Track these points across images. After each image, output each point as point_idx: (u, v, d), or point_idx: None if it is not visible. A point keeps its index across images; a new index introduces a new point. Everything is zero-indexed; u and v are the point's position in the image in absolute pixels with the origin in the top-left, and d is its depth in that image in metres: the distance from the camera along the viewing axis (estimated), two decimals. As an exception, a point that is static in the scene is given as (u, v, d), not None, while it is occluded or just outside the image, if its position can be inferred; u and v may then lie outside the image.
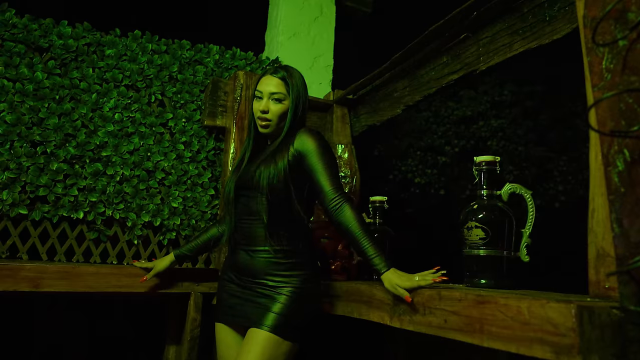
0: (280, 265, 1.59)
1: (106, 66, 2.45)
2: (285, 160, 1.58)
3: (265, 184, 1.56)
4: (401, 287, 1.37)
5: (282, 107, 1.65)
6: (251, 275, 1.63)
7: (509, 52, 1.73)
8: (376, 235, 2.06)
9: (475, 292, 1.19)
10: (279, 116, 1.65)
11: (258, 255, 1.61)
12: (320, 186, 1.55)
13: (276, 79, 1.66)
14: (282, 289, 1.56)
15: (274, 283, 1.58)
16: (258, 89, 1.67)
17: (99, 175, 2.32)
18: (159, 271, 1.85)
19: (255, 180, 1.59)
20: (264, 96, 1.65)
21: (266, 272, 1.59)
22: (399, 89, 2.37)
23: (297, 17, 3.11)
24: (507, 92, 5.43)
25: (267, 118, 1.64)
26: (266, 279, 1.59)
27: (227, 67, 2.76)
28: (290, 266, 1.59)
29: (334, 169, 1.59)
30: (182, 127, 2.55)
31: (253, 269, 1.62)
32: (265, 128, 1.67)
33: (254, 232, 1.61)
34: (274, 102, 1.64)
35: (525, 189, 1.52)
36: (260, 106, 1.65)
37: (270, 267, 1.59)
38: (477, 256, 1.49)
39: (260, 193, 1.59)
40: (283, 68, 1.69)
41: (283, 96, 1.65)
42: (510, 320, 1.05)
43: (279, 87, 1.65)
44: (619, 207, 0.85)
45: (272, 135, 1.70)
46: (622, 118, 0.89)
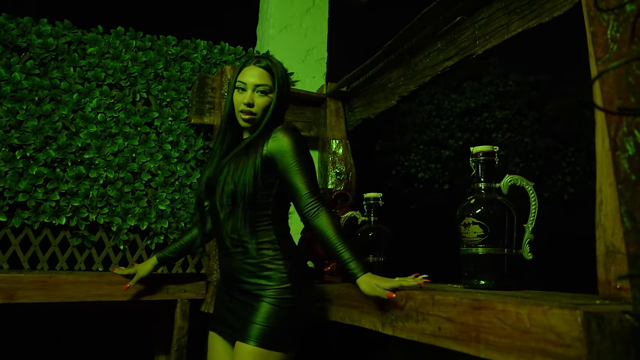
0: (257, 267, 1.47)
1: (88, 65, 2.35)
2: (258, 159, 1.47)
3: (240, 186, 1.45)
4: (380, 286, 1.30)
5: (267, 100, 1.55)
6: (231, 279, 1.53)
7: (506, 34, 1.60)
8: (371, 234, 1.95)
9: (471, 296, 1.07)
10: (263, 109, 1.55)
11: (235, 258, 1.50)
12: (295, 189, 1.45)
13: (260, 69, 1.55)
14: (263, 297, 1.45)
15: (251, 287, 1.47)
16: (240, 79, 1.55)
17: (81, 179, 2.22)
18: (142, 277, 1.75)
19: (226, 181, 1.48)
20: (248, 88, 1.53)
21: (244, 275, 1.49)
22: (393, 79, 2.25)
23: (288, 9, 2.99)
24: (512, 82, 5.27)
25: (251, 112, 1.53)
26: (245, 282, 1.49)
27: (215, 62, 2.66)
28: (268, 268, 1.47)
29: (310, 171, 1.49)
30: (169, 126, 2.45)
31: (232, 271, 1.52)
32: (248, 122, 1.55)
33: (239, 231, 1.49)
34: (260, 94, 1.54)
35: (526, 180, 1.40)
36: (244, 99, 1.53)
37: (246, 269, 1.48)
38: (476, 255, 1.37)
39: (228, 193, 1.48)
40: (265, 57, 1.59)
41: (268, 88, 1.54)
42: (510, 329, 0.93)
43: (264, 78, 1.54)
44: (629, 197, 0.73)
45: (249, 128, 1.59)
46: (631, 94, 0.76)
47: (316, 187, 1.48)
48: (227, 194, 1.47)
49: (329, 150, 2.58)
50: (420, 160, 4.94)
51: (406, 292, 1.27)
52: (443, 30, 1.89)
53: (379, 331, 1.37)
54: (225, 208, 1.49)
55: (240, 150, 1.53)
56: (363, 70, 2.32)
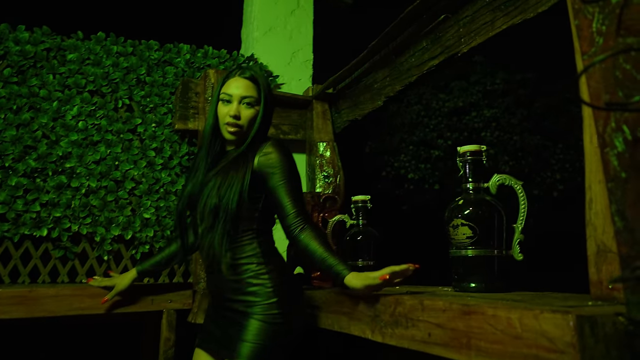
0: (241, 283, 1.44)
1: (68, 72, 2.30)
2: (247, 175, 1.44)
3: (225, 200, 1.41)
4: (371, 276, 1.28)
5: (253, 112, 1.52)
6: (218, 296, 1.50)
7: (491, 31, 1.58)
8: (359, 237, 1.91)
9: (460, 301, 1.04)
10: (249, 121, 1.52)
11: (218, 275, 1.46)
12: (282, 206, 1.43)
13: (245, 80, 1.52)
14: (251, 314, 1.40)
15: (238, 305, 1.43)
16: (225, 91, 1.52)
17: (62, 189, 2.17)
18: (121, 290, 1.70)
19: (210, 194, 1.44)
20: (234, 100, 1.50)
21: (229, 292, 1.45)
22: (379, 80, 2.22)
23: (272, 11, 2.95)
24: (499, 80, 5.27)
25: (238, 124, 1.50)
26: (231, 299, 1.45)
27: (198, 66, 2.61)
28: (253, 284, 1.43)
29: (298, 189, 1.47)
30: (152, 133, 2.40)
31: (218, 289, 1.49)
32: (234, 135, 1.51)
33: (214, 248, 1.45)
34: (246, 106, 1.51)
35: (515, 179, 1.37)
36: (230, 111, 1.49)
37: (231, 286, 1.45)
38: (465, 257, 1.34)
39: (210, 207, 1.43)
40: (249, 68, 1.56)
41: (254, 100, 1.52)
42: (501, 334, 0.90)
43: (250, 90, 1.51)
44: (620, 196, 0.70)
45: (234, 142, 1.55)
46: (619, 88, 0.74)
47: (303, 205, 1.46)
48: (209, 208, 1.43)
49: (316, 153, 2.55)
50: (410, 160, 4.92)
51: (395, 298, 1.23)
52: (428, 28, 1.86)
53: (368, 338, 1.34)
54: (205, 223, 1.45)
55: (227, 164, 1.48)
56: (349, 71, 2.29)
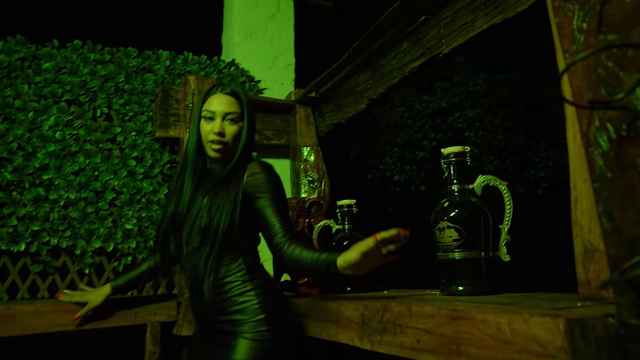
0: (227, 302, 1.40)
1: (44, 81, 2.24)
2: (238, 195, 1.41)
3: (215, 220, 1.38)
4: (363, 242, 1.24)
5: (237, 129, 1.50)
6: (204, 319, 1.46)
7: (472, 31, 1.57)
8: (346, 242, 1.89)
9: (449, 306, 1.02)
10: (234, 138, 1.49)
11: (202, 297, 1.41)
12: (270, 226, 1.41)
13: (227, 96, 1.50)
14: (239, 333, 1.37)
15: (225, 325, 1.40)
16: (207, 108, 1.49)
17: (40, 201, 2.11)
18: (94, 307, 1.66)
19: (199, 215, 1.40)
20: (217, 116, 1.47)
21: (215, 314, 1.42)
22: (362, 82, 2.20)
23: (252, 15, 2.93)
24: (482, 81, 5.31)
25: (223, 141, 1.47)
26: (217, 321, 1.41)
27: (179, 73, 2.57)
28: (239, 302, 1.40)
29: (285, 209, 1.46)
30: (133, 141, 2.35)
31: (203, 311, 1.45)
32: (219, 152, 1.48)
33: (198, 270, 1.41)
34: (230, 123, 1.48)
35: (499, 180, 1.36)
36: (214, 128, 1.46)
37: (216, 307, 1.41)
38: (452, 260, 1.32)
39: (200, 227, 1.40)
40: (229, 84, 1.54)
41: (238, 116, 1.50)
42: (490, 339, 0.88)
43: (233, 106, 1.49)
44: (607, 196, 0.69)
45: (218, 159, 1.51)
46: (601, 86, 0.72)
47: (291, 224, 1.45)
48: (197, 229, 1.39)
49: (300, 158, 2.52)
50: (396, 162, 4.92)
51: (382, 304, 1.21)
52: (408, 30, 1.85)
53: (357, 346, 1.31)
54: (192, 244, 1.42)
55: (215, 183, 1.44)
56: (331, 74, 2.27)
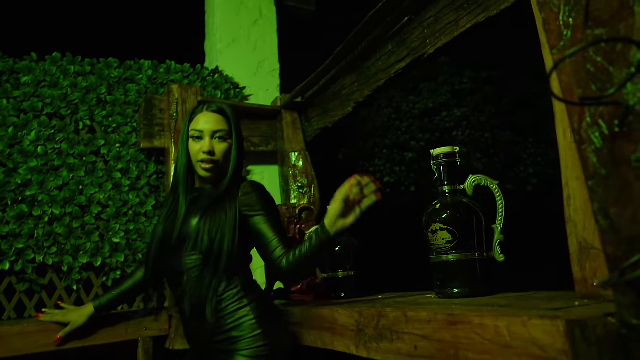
0: (224, 320, 1.37)
1: (23, 95, 2.19)
2: (237, 216, 1.40)
3: (207, 240, 1.35)
4: (340, 191, 1.29)
5: (227, 146, 1.48)
6: (199, 342, 1.42)
7: (456, 30, 1.56)
8: (338, 248, 1.87)
9: (445, 310, 1.00)
10: (224, 156, 1.47)
11: (198, 319, 1.38)
12: (267, 243, 1.38)
13: (214, 114, 1.48)
14: (237, 351, 1.34)
15: (222, 345, 1.36)
16: (195, 128, 1.46)
17: (24, 218, 2.06)
18: (77, 327, 1.62)
19: (199, 237, 1.37)
20: (205, 135, 1.45)
21: (211, 334, 1.38)
22: (347, 86, 2.18)
23: (235, 22, 2.90)
24: (466, 79, 5.33)
25: (213, 160, 1.44)
26: (214, 341, 1.37)
27: (162, 82, 2.53)
28: (236, 318, 1.37)
29: (280, 224, 1.45)
30: (117, 153, 2.31)
31: (199, 334, 1.41)
32: (210, 172, 1.46)
33: (201, 293, 1.38)
34: (219, 141, 1.46)
35: (490, 179, 1.34)
36: (203, 147, 1.44)
37: (212, 328, 1.37)
38: (446, 262, 1.30)
39: (202, 250, 1.37)
40: (215, 102, 1.52)
41: (226, 133, 1.47)
42: (489, 344, 0.86)
43: (220, 123, 1.47)
44: (602, 194, 0.67)
45: (209, 179, 1.48)
46: (591, 82, 0.71)
47: (285, 237, 1.42)
48: (198, 251, 1.36)
49: (288, 163, 2.50)
50: (385, 164, 4.91)
51: (377, 310, 1.19)
52: (392, 31, 1.84)
53: (353, 354, 1.28)
54: (191, 267, 1.38)
55: (210, 204, 1.42)
56: (316, 78, 2.25)
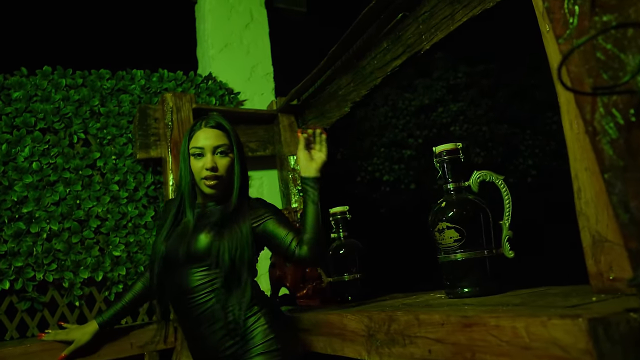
0: (238, 327, 1.35)
1: (15, 111, 2.16)
2: (250, 231, 1.40)
3: (228, 258, 1.34)
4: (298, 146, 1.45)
5: (229, 161, 1.45)
6: (208, 354, 1.38)
7: (452, 25, 1.53)
8: (342, 250, 1.84)
9: (459, 312, 0.97)
10: (227, 171, 1.45)
11: (213, 332, 1.35)
12: (282, 241, 1.40)
13: (213, 130, 1.45)
14: (251, 357, 1.32)
15: (236, 351, 1.34)
16: (195, 145, 1.44)
17: (22, 236, 2.02)
18: (81, 345, 1.58)
19: (220, 255, 1.35)
20: (207, 152, 1.42)
21: (225, 344, 1.34)
22: (343, 86, 2.16)
23: (226, 26, 2.87)
24: (461, 74, 5.31)
25: (217, 176, 1.42)
26: (228, 348, 1.34)
27: (155, 91, 2.50)
28: (249, 325, 1.35)
29: (288, 221, 1.47)
30: (113, 165, 2.28)
31: (212, 348, 1.36)
32: (214, 188, 1.43)
33: (201, 309, 1.35)
34: (220, 156, 1.44)
35: (495, 175, 1.32)
36: (206, 163, 1.41)
37: (226, 339, 1.34)
38: (455, 262, 1.28)
39: (215, 266, 1.35)
40: (212, 117, 1.49)
41: (227, 148, 1.45)
42: (507, 346, 0.84)
43: (220, 138, 1.45)
44: (620, 186, 0.64)
45: (214, 195, 1.46)
46: (602, 71, 0.68)
47: (296, 229, 1.44)
48: (222, 270, 1.34)
49: (287, 167, 2.47)
50: (383, 163, 4.89)
51: (388, 315, 1.16)
52: (387, 29, 1.82)
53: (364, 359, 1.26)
54: (205, 283, 1.36)
55: (222, 220, 1.40)
56: (311, 80, 2.22)
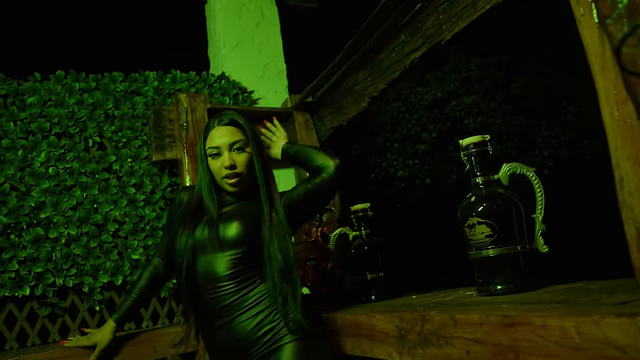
0: (272, 317, 1.33)
1: (30, 116, 2.15)
2: (284, 214, 1.42)
3: (290, 257, 1.37)
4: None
5: (247, 156, 1.43)
6: (234, 356, 1.35)
7: (474, 13, 1.48)
8: (365, 248, 1.80)
9: (499, 312, 0.92)
10: (247, 167, 1.43)
11: (233, 326, 1.33)
12: (304, 188, 1.45)
13: (227, 127, 1.44)
14: (290, 341, 1.31)
15: (269, 341, 1.32)
16: (211, 145, 1.43)
17: (40, 241, 2.01)
18: (105, 346, 1.57)
19: (272, 255, 1.36)
20: (223, 150, 1.41)
21: (252, 340, 1.32)
22: (360, 81, 2.12)
23: (237, 25, 2.84)
24: (474, 66, 5.23)
25: (237, 173, 1.41)
26: (258, 344, 1.32)
27: (169, 92, 2.48)
28: (274, 317, 1.34)
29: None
30: (129, 168, 2.26)
31: (240, 343, 1.33)
32: (236, 186, 1.42)
33: (225, 299, 1.33)
34: (237, 152, 1.42)
35: (526, 167, 1.27)
36: (224, 162, 1.40)
37: (257, 327, 1.32)
38: (487, 258, 1.23)
39: (279, 266, 1.35)
40: (225, 114, 1.47)
41: (244, 143, 1.43)
42: (555, 346, 0.79)
43: (235, 134, 1.43)
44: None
45: (237, 193, 1.45)
46: (659, 51, 0.63)
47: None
48: (277, 267, 1.35)
49: (304, 165, 2.43)
50: (397, 158, 4.84)
51: (420, 315, 1.12)
52: (405, 20, 1.77)
53: (396, 361, 1.22)
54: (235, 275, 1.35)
55: (261, 217, 1.41)
56: (327, 76, 2.18)
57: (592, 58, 0.97)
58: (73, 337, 1.62)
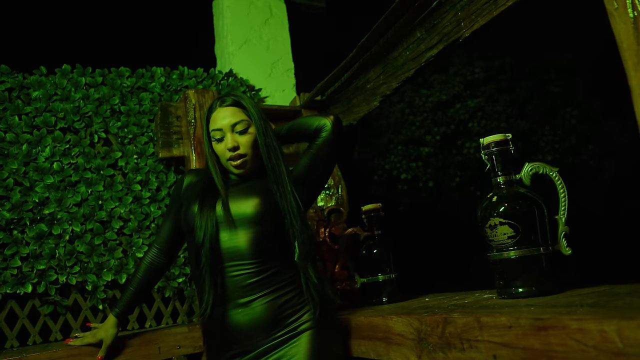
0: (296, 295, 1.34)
1: (34, 111, 2.11)
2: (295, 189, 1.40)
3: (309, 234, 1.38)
4: None
5: (251, 137, 1.40)
6: (252, 336, 1.31)
7: (494, 10, 1.45)
8: (377, 249, 1.76)
9: (529, 315, 0.89)
10: (252, 147, 1.40)
11: (255, 306, 1.30)
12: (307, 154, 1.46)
13: (229, 108, 1.41)
14: (305, 329, 1.31)
15: (293, 325, 1.31)
16: (213, 128, 1.40)
17: (44, 238, 1.97)
18: (111, 342, 1.53)
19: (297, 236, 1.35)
20: (226, 132, 1.38)
21: (273, 322, 1.30)
22: (372, 79, 2.08)
23: (245, 22, 2.81)
24: (478, 69, 5.21)
25: (241, 154, 1.38)
26: (279, 327, 1.31)
27: (176, 89, 2.44)
28: (297, 301, 1.34)
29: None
30: (135, 165, 2.22)
31: (260, 324, 1.30)
32: (242, 167, 1.40)
33: (248, 277, 1.31)
34: (240, 134, 1.39)
35: (549, 166, 1.24)
36: (227, 144, 1.37)
37: (284, 308, 1.31)
38: (509, 260, 1.20)
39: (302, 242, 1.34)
40: (227, 95, 1.45)
41: (247, 123, 1.40)
42: (594, 351, 0.76)
43: (237, 115, 1.40)
44: None
45: (244, 174, 1.43)
46: None
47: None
48: (299, 244, 1.35)
49: (312, 165, 2.39)
50: (401, 160, 4.81)
51: (442, 317, 1.08)
52: (421, 17, 1.74)
53: (414, 365, 1.18)
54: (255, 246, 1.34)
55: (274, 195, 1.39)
56: (337, 74, 2.15)
57: (625, 54, 0.94)
58: (75, 336, 1.58)
